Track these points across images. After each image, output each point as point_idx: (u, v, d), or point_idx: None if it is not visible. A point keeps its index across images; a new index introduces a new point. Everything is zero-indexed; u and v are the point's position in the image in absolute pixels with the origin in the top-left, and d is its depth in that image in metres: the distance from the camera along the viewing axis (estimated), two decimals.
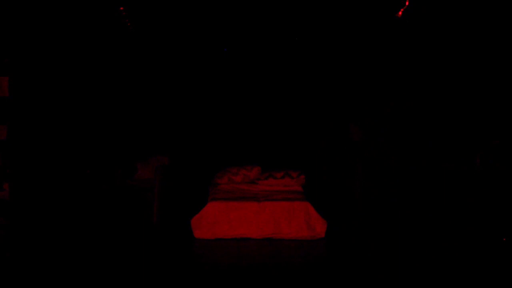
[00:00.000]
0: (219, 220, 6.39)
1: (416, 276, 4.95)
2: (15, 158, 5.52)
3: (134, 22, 5.94)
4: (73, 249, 5.84)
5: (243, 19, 7.21)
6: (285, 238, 6.34)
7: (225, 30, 7.83)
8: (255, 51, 8.75)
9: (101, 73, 7.97)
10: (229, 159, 8.81)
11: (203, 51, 8.78)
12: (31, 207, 5.85)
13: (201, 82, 8.96)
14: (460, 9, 6.27)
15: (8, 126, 5.45)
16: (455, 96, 7.92)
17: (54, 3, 5.81)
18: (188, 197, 7.82)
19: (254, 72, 8.98)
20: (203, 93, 8.96)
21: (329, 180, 8.91)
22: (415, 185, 8.21)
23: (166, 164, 7.35)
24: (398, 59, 8.61)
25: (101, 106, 7.95)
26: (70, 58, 6.96)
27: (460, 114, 7.78)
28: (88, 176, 6.55)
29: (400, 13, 5.55)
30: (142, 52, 8.64)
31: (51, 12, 5.86)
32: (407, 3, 5.50)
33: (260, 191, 7.17)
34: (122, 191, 6.99)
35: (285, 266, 5.31)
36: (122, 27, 5.97)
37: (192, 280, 4.93)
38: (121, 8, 5.80)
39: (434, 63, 8.22)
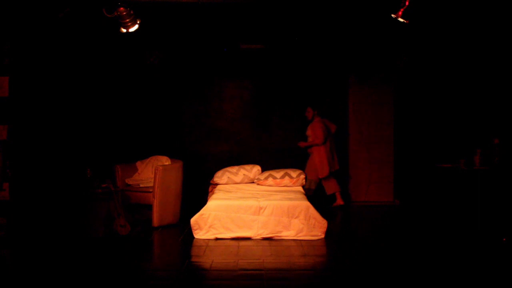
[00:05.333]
0: (219, 220, 6.38)
1: (416, 276, 4.95)
2: (15, 158, 5.53)
3: (134, 24, 5.94)
4: (72, 248, 5.85)
5: (243, 19, 7.21)
6: (285, 238, 6.34)
7: (224, 30, 7.83)
8: (254, 51, 8.75)
9: (101, 73, 7.98)
10: (229, 158, 8.82)
11: (202, 51, 8.78)
12: (31, 207, 5.85)
13: (200, 81, 8.95)
14: (458, 10, 6.27)
15: (8, 126, 5.45)
16: (454, 96, 7.92)
17: (55, 4, 5.81)
18: (188, 197, 7.82)
19: (254, 72, 8.98)
20: (203, 92, 8.95)
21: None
22: (415, 185, 8.21)
23: (166, 164, 7.35)
24: (399, 59, 8.63)
25: (101, 106, 7.95)
26: (70, 59, 6.96)
27: (459, 113, 7.78)
28: (88, 176, 6.55)
29: (400, 13, 5.52)
30: (142, 52, 8.64)
31: (51, 13, 5.86)
32: (407, 3, 5.47)
33: (260, 191, 7.17)
34: (121, 191, 6.99)
35: (285, 266, 5.31)
36: (121, 28, 5.97)
37: (192, 280, 4.92)
38: (121, 9, 5.79)
39: (434, 63, 8.23)
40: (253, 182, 7.65)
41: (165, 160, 7.51)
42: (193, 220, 6.43)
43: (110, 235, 6.37)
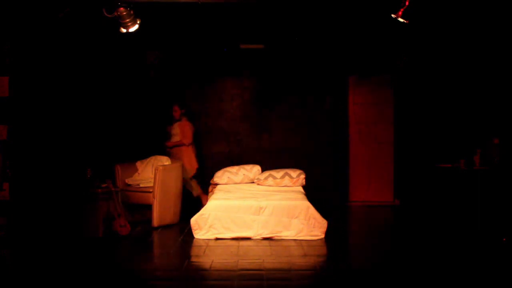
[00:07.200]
0: (219, 220, 6.39)
1: (417, 276, 4.95)
2: (15, 158, 5.52)
3: (134, 24, 5.95)
4: (72, 248, 5.85)
5: (243, 19, 7.21)
6: (285, 238, 6.34)
7: (224, 30, 7.83)
8: (254, 51, 8.75)
9: (101, 73, 7.97)
10: (229, 158, 8.81)
11: (202, 50, 8.77)
12: (31, 207, 5.85)
13: (200, 81, 8.95)
14: (458, 10, 6.27)
15: (8, 126, 5.45)
16: (454, 96, 7.92)
17: (55, 4, 5.82)
18: (188, 197, 7.82)
19: (254, 72, 8.98)
20: (203, 92, 8.95)
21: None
22: (415, 185, 8.21)
23: (166, 164, 7.35)
24: (399, 59, 8.63)
25: (101, 106, 7.95)
26: (70, 59, 6.96)
27: (459, 113, 7.78)
28: (88, 176, 6.55)
29: (400, 13, 5.52)
30: (142, 52, 8.63)
31: (51, 13, 5.86)
32: (407, 3, 5.47)
33: (260, 191, 7.16)
34: (121, 191, 6.99)
35: (285, 266, 5.31)
36: (121, 28, 5.98)
37: (192, 280, 4.92)
38: (121, 9, 5.79)
39: (434, 63, 8.23)
40: (253, 182, 7.65)
41: (165, 160, 7.51)
42: (193, 220, 6.43)
43: (110, 235, 6.37)
